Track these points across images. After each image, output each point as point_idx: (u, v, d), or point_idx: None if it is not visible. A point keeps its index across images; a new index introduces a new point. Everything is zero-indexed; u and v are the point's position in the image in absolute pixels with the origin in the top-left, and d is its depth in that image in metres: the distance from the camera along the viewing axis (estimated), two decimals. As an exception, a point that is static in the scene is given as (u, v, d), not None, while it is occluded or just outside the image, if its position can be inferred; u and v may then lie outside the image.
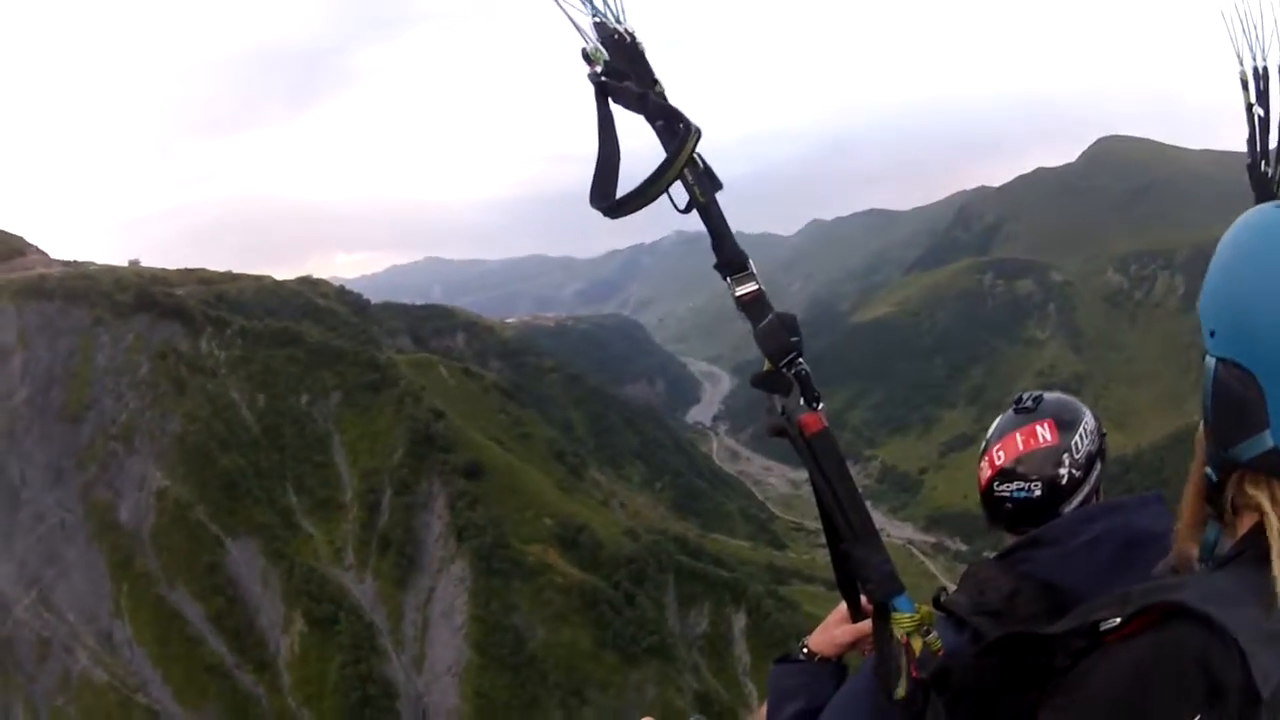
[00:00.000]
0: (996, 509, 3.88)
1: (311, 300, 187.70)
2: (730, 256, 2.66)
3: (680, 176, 2.61)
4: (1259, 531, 2.12)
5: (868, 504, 2.70)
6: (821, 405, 2.71)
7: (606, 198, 2.66)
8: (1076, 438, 3.80)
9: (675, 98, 2.58)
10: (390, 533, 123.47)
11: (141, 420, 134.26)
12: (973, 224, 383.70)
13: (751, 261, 2.71)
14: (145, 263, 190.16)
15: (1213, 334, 2.23)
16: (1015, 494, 3.77)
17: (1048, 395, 3.99)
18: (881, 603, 2.68)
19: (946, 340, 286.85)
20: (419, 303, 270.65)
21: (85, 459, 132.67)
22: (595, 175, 2.66)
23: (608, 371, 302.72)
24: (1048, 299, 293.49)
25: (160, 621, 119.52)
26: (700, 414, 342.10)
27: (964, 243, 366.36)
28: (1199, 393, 2.13)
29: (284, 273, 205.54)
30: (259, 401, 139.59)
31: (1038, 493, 3.74)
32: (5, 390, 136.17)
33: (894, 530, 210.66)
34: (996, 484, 3.83)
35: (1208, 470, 2.28)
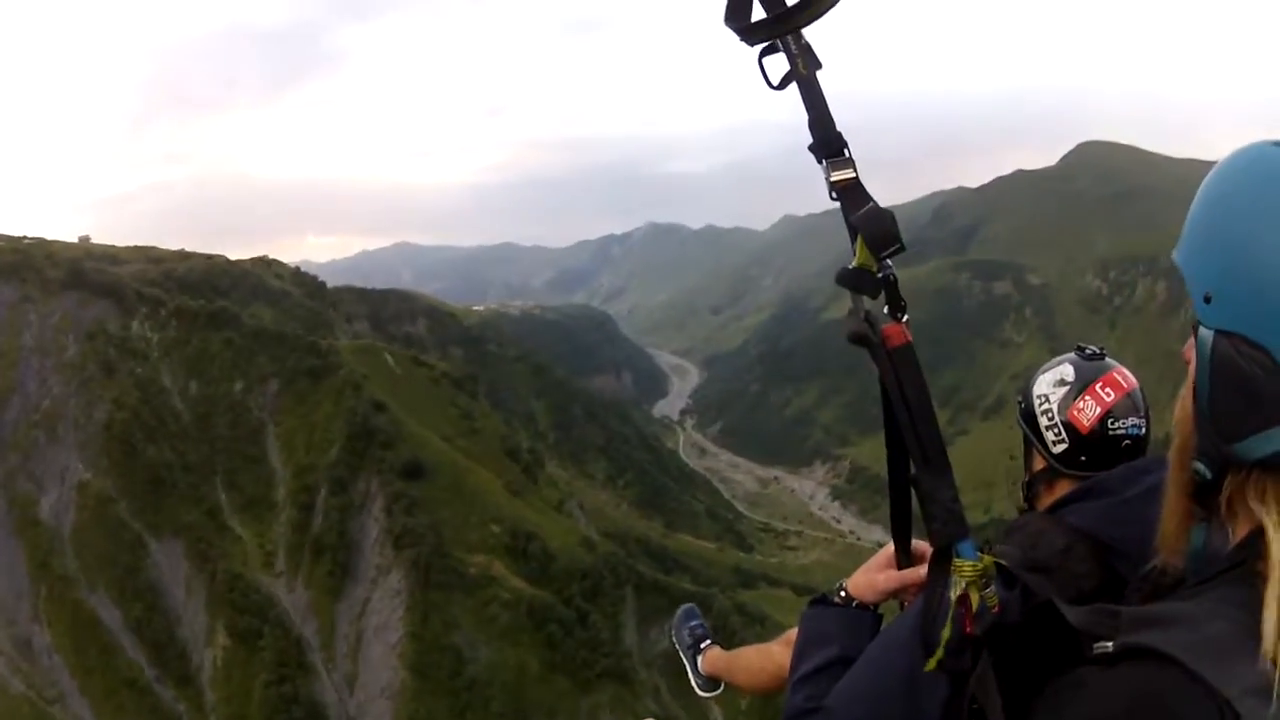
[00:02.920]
0: (1110, 449, 3.62)
1: (264, 281, 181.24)
2: (828, 138, 2.58)
3: (783, 45, 2.52)
4: (1258, 540, 1.84)
5: (835, 504, 2.55)
6: (907, 318, 2.69)
7: (743, 16, 2.50)
8: None
9: (655, 86, 2.19)
10: (324, 537, 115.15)
11: (66, 407, 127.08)
12: (949, 224, 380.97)
13: (847, 146, 2.64)
14: (112, 240, 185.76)
15: (1207, 299, 1.89)
16: (1131, 430, 3.63)
17: None
18: (945, 546, 2.55)
19: (921, 340, 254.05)
20: (389, 288, 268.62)
21: (6, 447, 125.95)
22: None
23: (574, 362, 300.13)
24: (1025, 301, 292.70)
25: (79, 628, 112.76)
26: (668, 408, 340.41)
27: (940, 242, 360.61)
28: (1179, 396, 1.94)
29: (254, 254, 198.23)
30: (191, 389, 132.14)
31: (1144, 429, 3.66)
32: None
33: (864, 533, 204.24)
34: (1111, 421, 3.63)
35: (1197, 465, 1.95)
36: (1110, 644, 1.86)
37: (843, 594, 3.42)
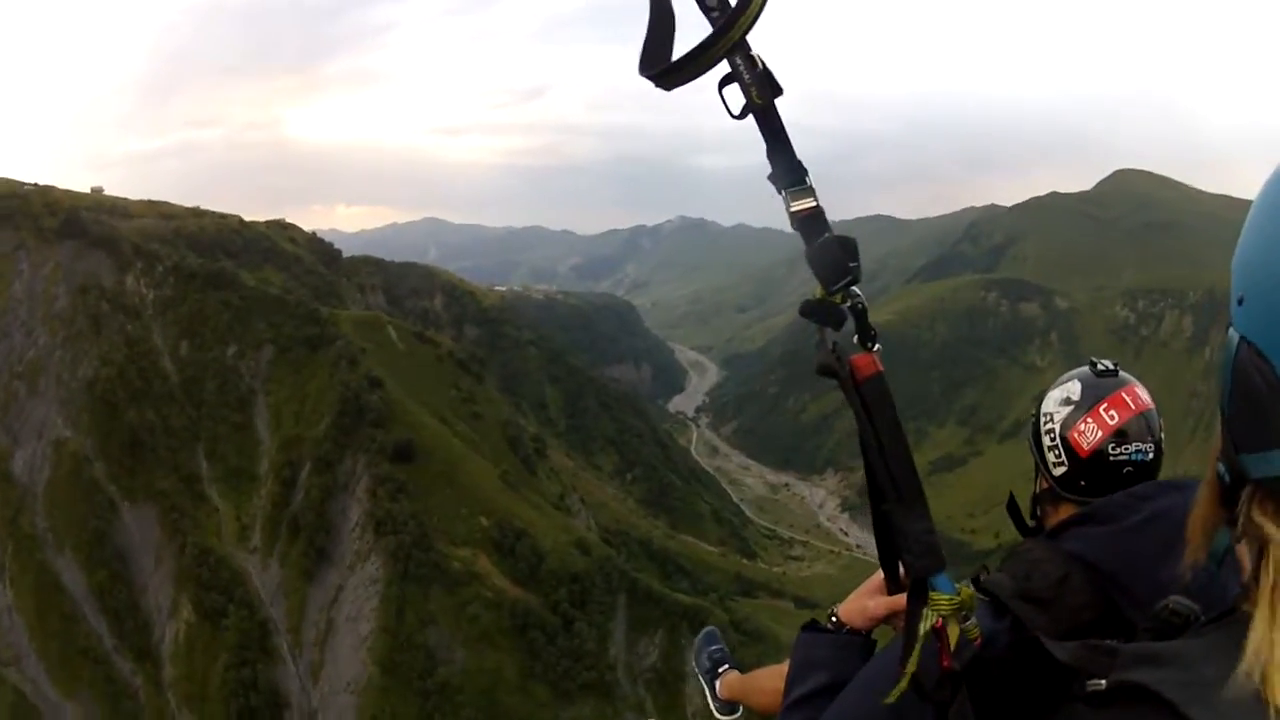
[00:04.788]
0: (1111, 476, 3.53)
1: (278, 245, 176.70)
2: (787, 167, 2.46)
3: (736, 75, 2.38)
4: (1256, 573, 1.76)
5: (844, 516, 2.57)
6: (878, 347, 2.57)
7: (658, 62, 2.39)
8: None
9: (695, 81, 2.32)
10: (302, 516, 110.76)
11: (51, 360, 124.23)
12: (981, 240, 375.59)
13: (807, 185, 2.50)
14: (132, 195, 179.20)
15: (1241, 301, 1.81)
16: (1135, 456, 3.53)
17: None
18: (919, 579, 2.53)
19: (944, 355, 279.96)
20: (410, 262, 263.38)
21: None
22: (646, 37, 2.40)
23: (594, 351, 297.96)
24: (1051, 325, 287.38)
25: (43, 590, 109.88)
26: (683, 404, 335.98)
27: (971, 258, 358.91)
28: (1199, 440, 1.92)
29: (285, 220, 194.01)
30: (182, 349, 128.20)
31: (1151, 455, 3.56)
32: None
33: (870, 547, 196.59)
34: (1112, 447, 3.54)
35: (1219, 466, 1.88)
36: (1104, 681, 1.85)
37: (834, 620, 3.47)
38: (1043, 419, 3.69)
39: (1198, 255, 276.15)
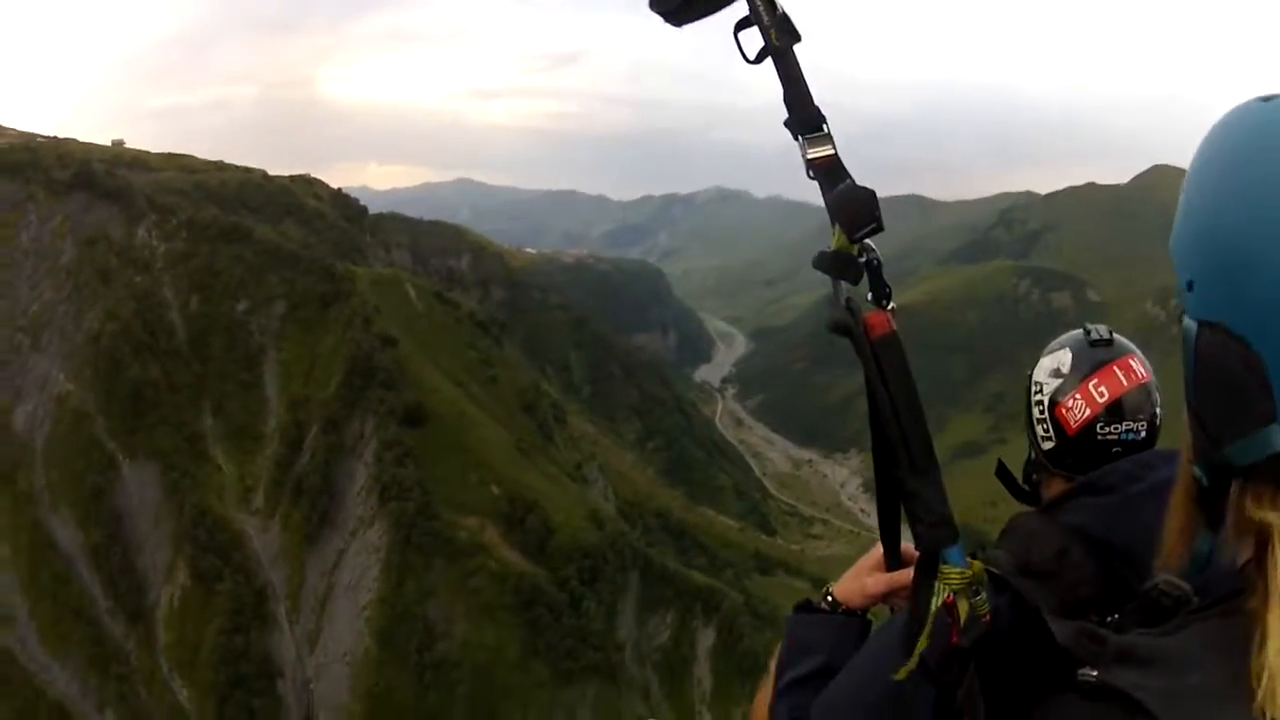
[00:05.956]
0: (1099, 455, 3.43)
1: (300, 200, 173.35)
2: (805, 114, 2.38)
3: (755, 17, 2.32)
4: (1259, 563, 1.66)
5: (865, 495, 2.61)
6: (892, 305, 2.49)
7: None
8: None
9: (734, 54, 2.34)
10: (306, 478, 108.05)
11: (55, 313, 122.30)
12: (1015, 227, 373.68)
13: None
14: (163, 149, 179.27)
15: (1190, 285, 1.82)
16: (1125, 436, 3.44)
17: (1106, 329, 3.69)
18: (930, 551, 2.38)
19: (972, 341, 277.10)
20: (438, 220, 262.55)
21: None
22: None
23: (621, 316, 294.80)
24: (1082, 317, 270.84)
25: (37, 548, 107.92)
26: (710, 374, 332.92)
27: (1004, 244, 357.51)
28: None
29: (316, 176, 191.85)
30: (191, 304, 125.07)
31: (1143, 434, 3.46)
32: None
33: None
34: (1100, 425, 3.45)
35: (1195, 469, 1.84)
36: (1094, 673, 1.75)
37: (829, 599, 3.28)
38: (1033, 388, 3.56)
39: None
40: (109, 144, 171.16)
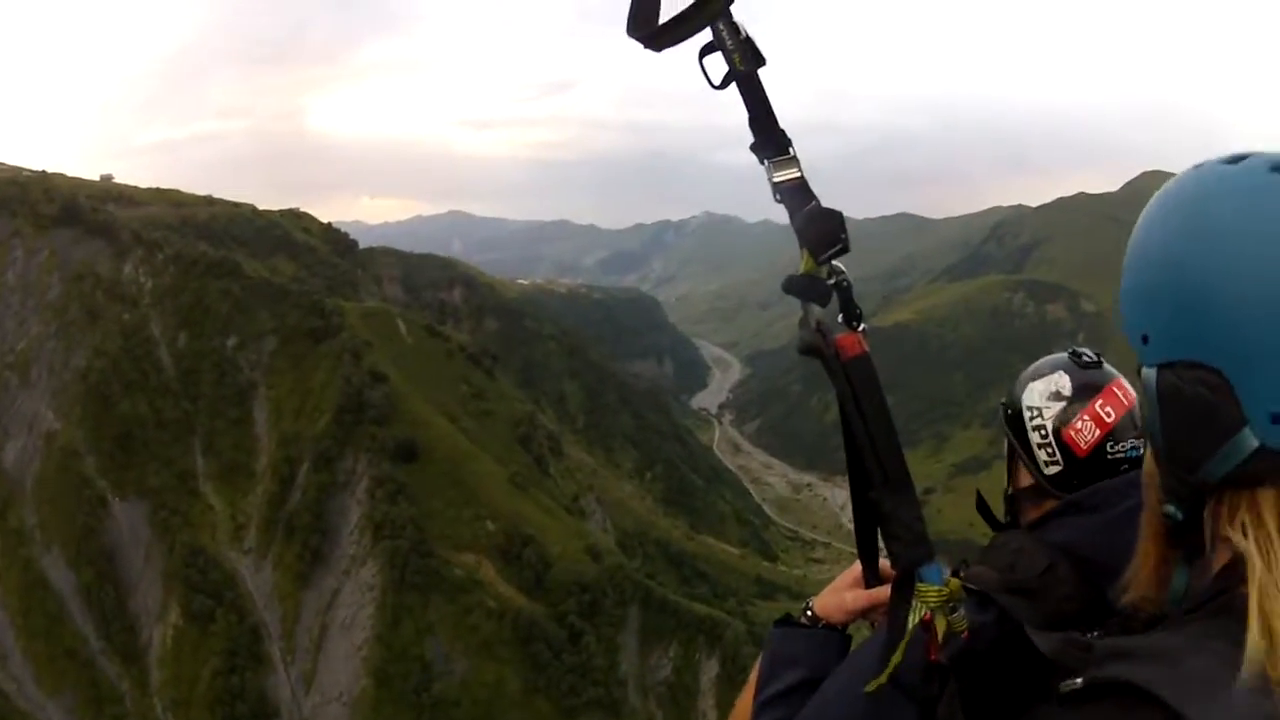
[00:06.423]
0: (1108, 474, 3.39)
1: (290, 234, 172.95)
2: (771, 137, 2.42)
3: (719, 41, 2.35)
4: (1237, 569, 1.81)
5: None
6: (863, 327, 2.55)
7: (647, 23, 2.39)
8: None
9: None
10: (298, 516, 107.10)
11: (43, 350, 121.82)
12: (1007, 240, 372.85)
13: (795, 146, 2.45)
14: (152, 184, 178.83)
15: (1146, 339, 1.96)
16: (1130, 453, 3.44)
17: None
18: (906, 569, 2.48)
19: (968, 356, 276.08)
20: (428, 253, 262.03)
21: None
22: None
23: (617, 345, 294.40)
24: (1078, 328, 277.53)
25: (29, 588, 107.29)
26: (706, 400, 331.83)
27: (997, 259, 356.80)
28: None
29: (308, 211, 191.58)
30: (180, 340, 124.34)
31: (1142, 450, 3.32)
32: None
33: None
34: (1110, 445, 3.45)
35: (1168, 508, 1.97)
36: (1079, 679, 1.80)
37: (809, 614, 3.24)
38: (1028, 414, 3.50)
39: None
40: (98, 179, 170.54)
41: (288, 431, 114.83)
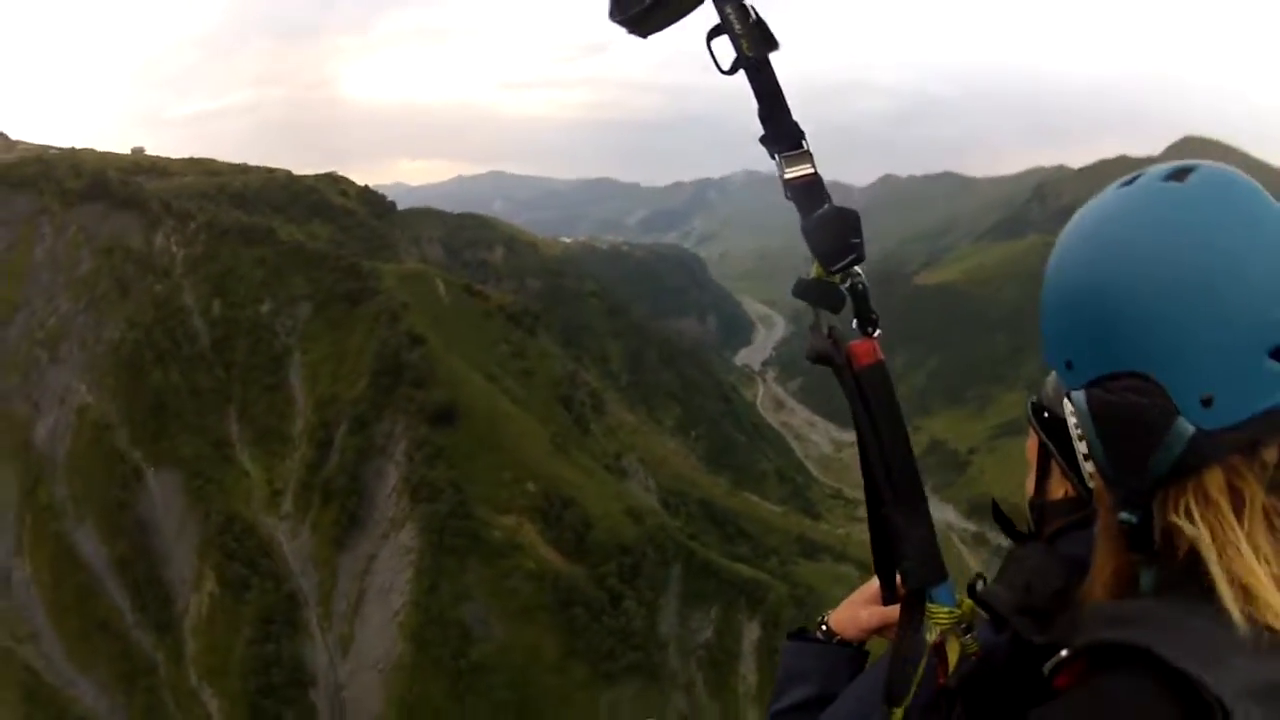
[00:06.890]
0: None
1: (327, 199, 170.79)
2: (783, 129, 2.34)
3: (726, 25, 2.25)
4: (1198, 557, 1.85)
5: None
6: (878, 333, 2.45)
7: (630, 6, 2.32)
8: None
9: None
10: (335, 480, 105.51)
11: (73, 325, 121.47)
12: (1050, 201, 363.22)
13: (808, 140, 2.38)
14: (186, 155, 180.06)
15: (1070, 365, 2.01)
16: None
17: None
18: (916, 589, 2.41)
19: (1013, 317, 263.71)
20: (468, 212, 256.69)
21: (5, 366, 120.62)
22: None
23: (659, 302, 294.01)
24: None
25: (60, 562, 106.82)
26: (750, 357, 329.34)
27: (1038, 219, 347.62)
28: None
29: (347, 176, 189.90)
30: (214, 308, 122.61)
31: None
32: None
33: (935, 511, 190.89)
34: None
35: (1122, 515, 1.94)
36: (1064, 651, 1.83)
37: (824, 628, 3.22)
38: (1071, 422, 2.73)
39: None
40: (129, 152, 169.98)
41: (324, 395, 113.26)
